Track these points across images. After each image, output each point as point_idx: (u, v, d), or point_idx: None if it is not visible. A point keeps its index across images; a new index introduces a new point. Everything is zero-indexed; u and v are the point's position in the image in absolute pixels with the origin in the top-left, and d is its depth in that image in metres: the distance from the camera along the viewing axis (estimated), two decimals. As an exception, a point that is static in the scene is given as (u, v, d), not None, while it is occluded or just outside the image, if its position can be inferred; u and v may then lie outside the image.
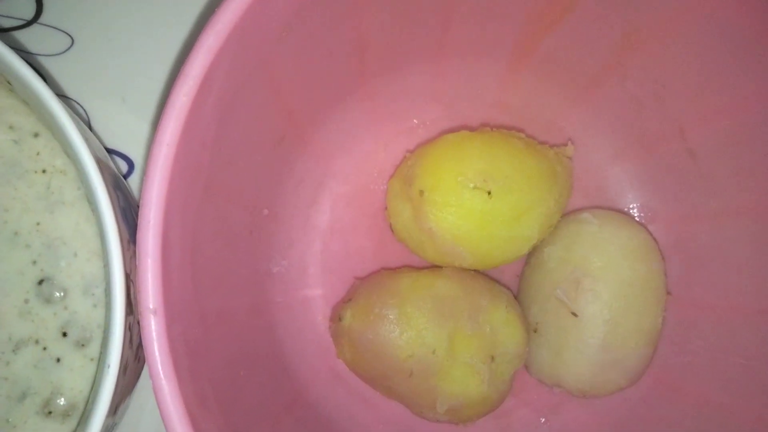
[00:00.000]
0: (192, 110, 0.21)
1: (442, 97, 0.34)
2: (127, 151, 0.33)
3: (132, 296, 0.23)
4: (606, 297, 0.29)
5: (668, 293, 0.31)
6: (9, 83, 0.24)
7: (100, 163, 0.23)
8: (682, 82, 0.29)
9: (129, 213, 0.25)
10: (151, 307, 0.19)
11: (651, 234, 0.32)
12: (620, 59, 0.30)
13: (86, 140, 0.23)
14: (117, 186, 0.25)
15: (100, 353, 0.24)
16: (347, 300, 0.30)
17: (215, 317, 0.25)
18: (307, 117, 0.30)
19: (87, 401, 0.24)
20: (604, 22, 0.28)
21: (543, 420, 0.32)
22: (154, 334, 0.19)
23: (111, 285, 0.21)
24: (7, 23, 0.33)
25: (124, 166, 0.33)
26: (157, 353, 0.19)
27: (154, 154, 0.20)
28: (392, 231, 0.32)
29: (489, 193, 0.28)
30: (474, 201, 0.28)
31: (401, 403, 0.30)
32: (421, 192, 0.29)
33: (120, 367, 0.22)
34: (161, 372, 0.19)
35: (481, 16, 0.29)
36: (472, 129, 0.33)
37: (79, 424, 0.24)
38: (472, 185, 0.28)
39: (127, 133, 0.33)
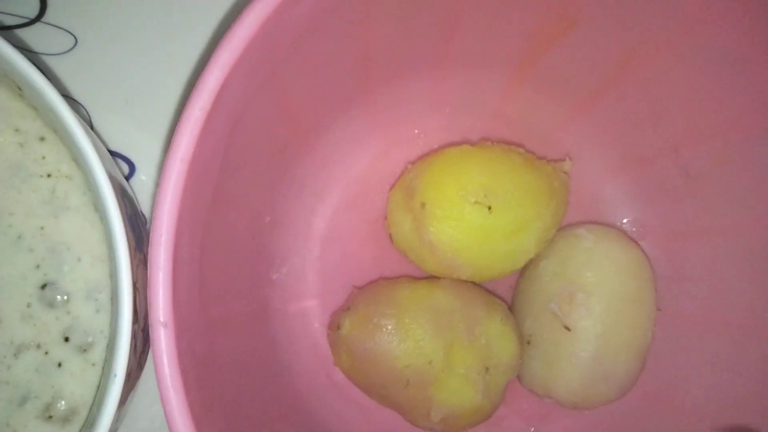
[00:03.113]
0: (205, 124, 0.21)
1: (443, 107, 0.34)
2: (129, 153, 0.33)
3: (137, 304, 0.23)
4: (598, 311, 0.29)
5: (658, 309, 0.31)
6: (19, 89, 0.24)
7: (108, 173, 0.23)
8: (678, 103, 0.30)
9: (135, 220, 0.25)
10: (161, 320, 0.19)
11: (643, 250, 0.32)
12: (619, 76, 0.30)
13: (96, 149, 0.23)
14: (124, 194, 0.25)
15: (105, 360, 0.25)
16: (346, 309, 0.30)
17: (220, 326, 0.25)
18: (310, 125, 0.31)
19: (91, 407, 0.24)
20: (606, 39, 0.29)
21: (533, 429, 0.33)
22: (164, 346, 0.19)
23: (119, 295, 0.21)
24: (10, 21, 0.32)
25: (125, 168, 0.33)
26: (166, 365, 0.19)
27: (168, 169, 0.20)
28: (391, 240, 0.32)
29: (489, 208, 0.29)
30: (474, 215, 0.29)
31: (396, 411, 0.30)
32: (423, 205, 0.29)
33: (125, 376, 0.22)
34: (170, 384, 0.19)
35: (485, 28, 0.29)
36: (472, 141, 0.34)
37: (81, 429, 0.24)
38: (473, 200, 0.29)
39: (129, 135, 0.33)
